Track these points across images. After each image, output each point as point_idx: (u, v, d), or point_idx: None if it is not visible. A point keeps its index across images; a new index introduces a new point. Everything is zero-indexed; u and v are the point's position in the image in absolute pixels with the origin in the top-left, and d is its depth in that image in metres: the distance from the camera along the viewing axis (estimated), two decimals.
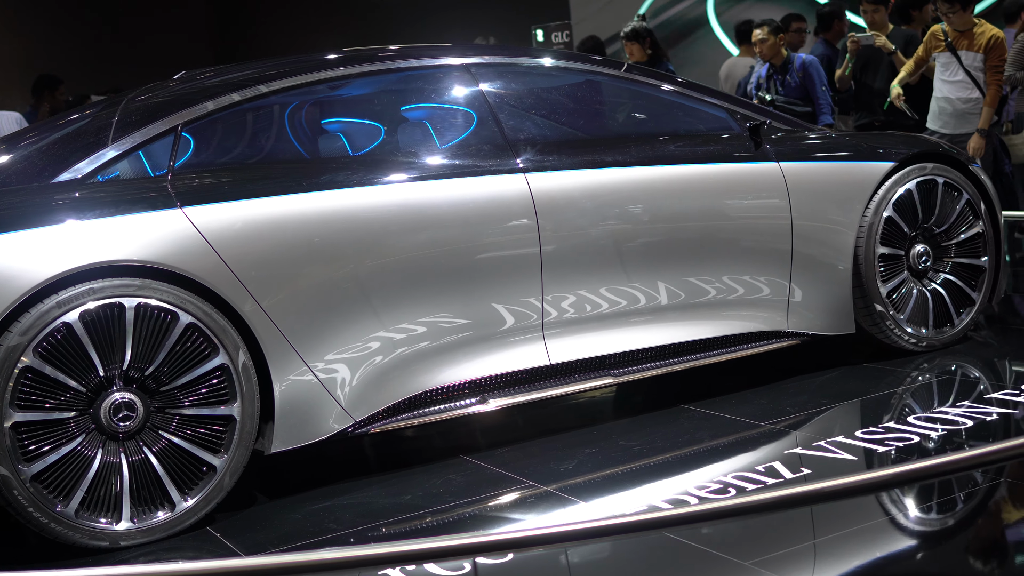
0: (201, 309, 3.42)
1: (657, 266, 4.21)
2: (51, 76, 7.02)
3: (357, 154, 3.99)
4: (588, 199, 4.07)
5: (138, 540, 3.34)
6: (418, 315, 3.79)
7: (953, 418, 3.84)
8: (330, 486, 3.75)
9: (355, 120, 4.16)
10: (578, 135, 4.28)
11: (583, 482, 3.56)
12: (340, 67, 4.03)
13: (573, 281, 4.05)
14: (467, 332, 3.88)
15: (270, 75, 3.90)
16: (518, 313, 3.96)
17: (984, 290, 4.90)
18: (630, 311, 4.17)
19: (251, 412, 3.50)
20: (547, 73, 4.41)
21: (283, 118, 3.92)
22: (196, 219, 3.46)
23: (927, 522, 3.10)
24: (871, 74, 7.14)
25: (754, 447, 3.76)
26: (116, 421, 3.33)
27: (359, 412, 3.72)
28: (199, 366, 3.42)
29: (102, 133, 3.64)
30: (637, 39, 7.48)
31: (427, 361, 3.83)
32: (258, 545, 3.28)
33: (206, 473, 3.44)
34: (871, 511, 3.17)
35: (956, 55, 6.68)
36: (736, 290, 4.36)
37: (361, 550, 2.96)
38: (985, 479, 3.28)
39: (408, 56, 4.17)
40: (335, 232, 3.66)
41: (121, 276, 3.34)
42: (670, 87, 4.52)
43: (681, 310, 4.27)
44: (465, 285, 3.86)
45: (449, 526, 3.30)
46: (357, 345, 3.70)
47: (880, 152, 4.69)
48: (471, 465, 3.84)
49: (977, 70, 6.70)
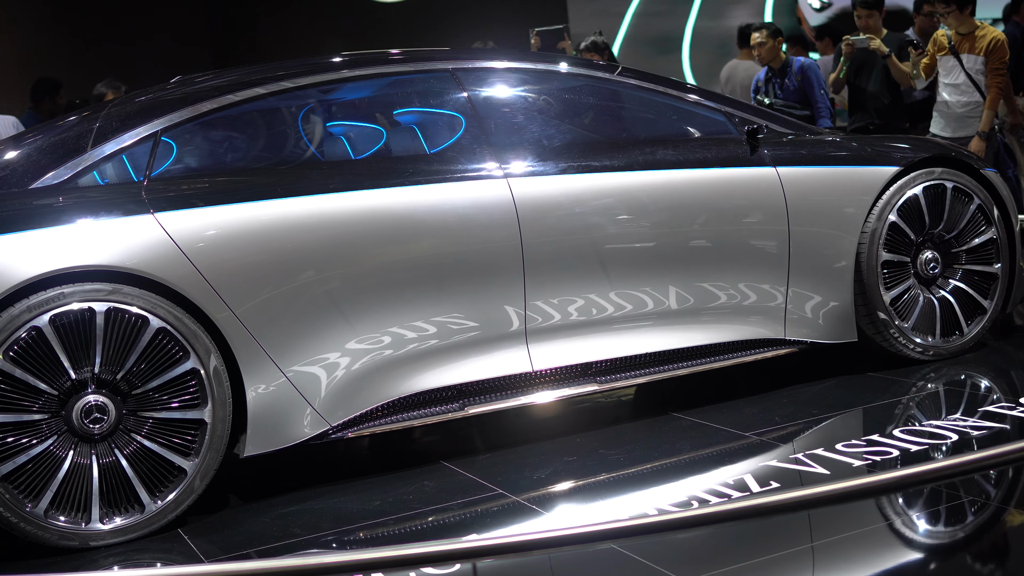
0: (172, 314, 3.45)
1: (644, 272, 4.15)
2: (51, 79, 7.14)
3: (336, 160, 4.00)
4: (572, 204, 4.03)
5: (108, 541, 3.39)
6: (395, 321, 3.79)
7: (938, 432, 3.74)
8: (305, 490, 3.78)
9: (335, 126, 4.17)
10: (566, 140, 4.23)
11: (551, 492, 3.53)
12: (321, 73, 4.04)
13: (557, 287, 4.02)
14: (446, 338, 3.87)
15: (252, 81, 3.92)
16: (499, 319, 3.94)
17: (997, 298, 4.76)
18: (616, 318, 4.12)
19: (222, 416, 3.53)
20: (536, 77, 4.35)
21: (264, 124, 3.95)
22: (168, 225, 3.50)
23: (884, 538, 3.02)
24: (865, 77, 7.09)
25: (731, 460, 3.70)
26: (87, 423, 3.38)
27: (336, 417, 3.74)
28: (170, 370, 3.46)
29: (83, 139, 3.70)
30: (596, 51, 7.51)
31: (405, 366, 3.83)
32: (220, 549, 3.32)
33: (177, 476, 3.48)
34: (827, 526, 3.10)
35: (958, 58, 6.65)
36: (728, 297, 4.29)
37: (300, 559, 2.98)
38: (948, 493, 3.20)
39: (391, 61, 4.17)
40: (310, 238, 3.68)
41: (93, 281, 3.39)
42: (665, 90, 4.45)
43: (669, 317, 4.21)
44: (444, 290, 3.85)
45: (406, 535, 3.30)
46: (332, 350, 3.72)
47: (885, 156, 4.58)
48: (448, 471, 3.83)
49: (978, 73, 6.65)
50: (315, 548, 3.23)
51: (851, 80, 7.17)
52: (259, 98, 3.91)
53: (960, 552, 2.98)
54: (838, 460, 3.55)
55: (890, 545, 2.99)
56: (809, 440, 3.83)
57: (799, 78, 6.91)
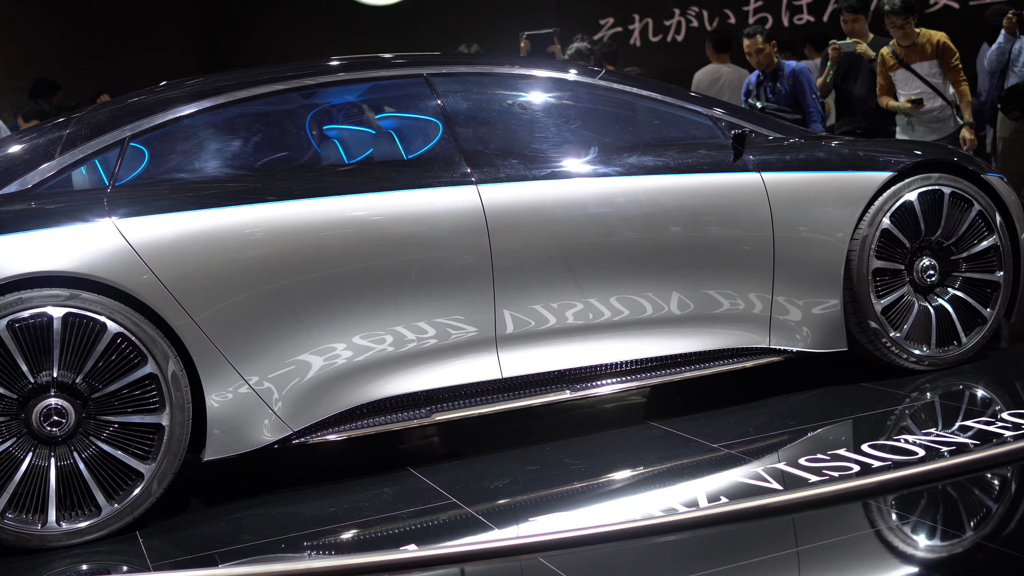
0: (130, 319, 3.50)
1: (619, 279, 4.10)
2: (50, 81, 7.24)
3: (302, 166, 4.02)
4: (543, 211, 4.00)
5: (64, 542, 3.44)
6: (359, 328, 3.79)
7: (908, 447, 3.64)
8: (269, 494, 3.80)
9: (306, 132, 4.17)
10: (540, 145, 4.18)
11: (503, 504, 3.50)
12: (293, 79, 4.05)
13: (529, 294, 3.99)
14: (412, 344, 3.86)
15: (223, 87, 3.95)
16: (468, 326, 3.92)
17: (999, 306, 4.61)
18: (592, 325, 4.08)
19: (181, 420, 3.56)
20: (511, 82, 4.31)
21: (234, 130, 3.96)
22: (127, 231, 3.54)
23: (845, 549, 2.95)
24: (852, 81, 7.03)
25: (693, 474, 3.63)
26: (47, 426, 3.44)
27: (298, 422, 3.75)
28: (128, 375, 3.50)
29: (52, 146, 3.76)
30: (580, 58, 7.46)
31: (371, 372, 3.83)
32: (171, 552, 3.36)
33: (134, 479, 3.53)
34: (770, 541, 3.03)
35: (910, 69, 6.79)
36: (707, 304, 4.22)
37: (227, 569, 3.01)
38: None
39: (364, 67, 4.17)
40: (273, 244, 3.69)
41: (52, 286, 3.45)
42: (648, 94, 4.39)
43: (646, 324, 4.15)
44: (410, 297, 3.84)
45: (346, 544, 3.30)
46: (295, 356, 3.73)
47: (879, 161, 4.46)
48: (411, 478, 3.83)
49: (935, 76, 6.79)
50: (257, 555, 3.26)
51: (838, 84, 7.24)
52: (230, 104, 3.94)
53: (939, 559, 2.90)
54: (797, 475, 3.47)
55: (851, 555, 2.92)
56: (776, 454, 3.75)
57: (791, 82, 6.81)
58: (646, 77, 5.11)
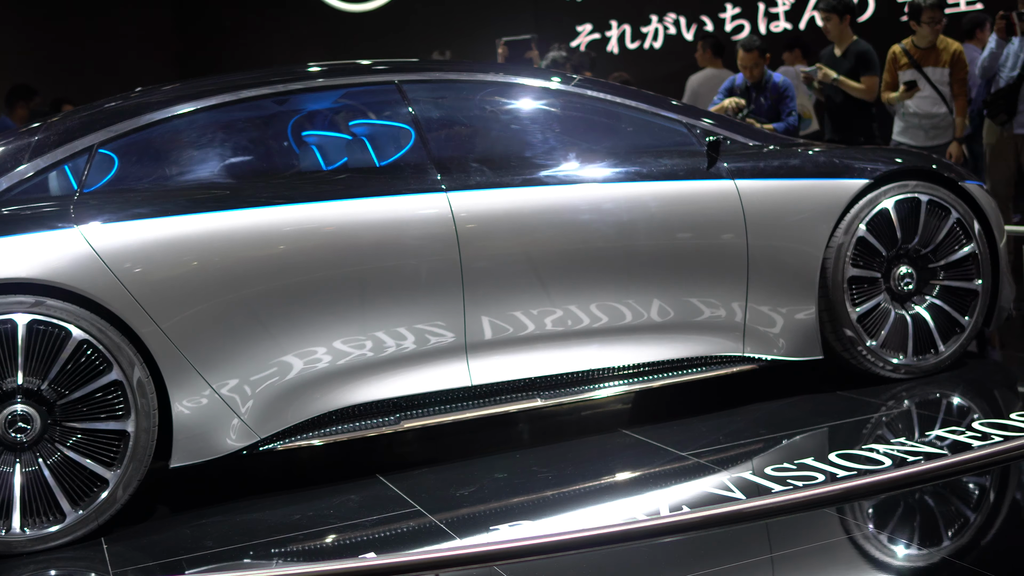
0: (96, 326, 3.50)
1: (591, 287, 4.09)
2: (26, 86, 7.23)
3: (273, 173, 4.01)
4: (514, 218, 3.99)
5: (29, 548, 3.44)
6: (327, 335, 3.79)
7: (876, 457, 3.62)
8: (237, 501, 3.80)
9: (276, 139, 4.17)
10: (511, 152, 4.17)
11: (466, 513, 3.49)
12: (265, 86, 4.04)
13: (499, 302, 3.98)
14: (381, 351, 3.86)
15: (193, 93, 3.95)
16: (437, 333, 3.91)
17: (977, 315, 4.59)
18: (563, 333, 4.07)
19: (147, 427, 3.56)
20: (483, 88, 4.30)
21: (203, 137, 3.96)
22: (93, 238, 3.54)
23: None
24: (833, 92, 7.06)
25: (660, 483, 3.62)
26: (12, 432, 3.44)
27: (265, 429, 3.75)
28: (92, 381, 3.50)
29: (22, 152, 3.76)
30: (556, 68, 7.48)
31: (338, 380, 3.83)
32: (133, 559, 3.36)
33: (99, 486, 3.53)
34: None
35: (922, 71, 6.84)
36: (681, 312, 4.20)
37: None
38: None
39: (336, 73, 4.16)
40: (240, 252, 3.68)
41: (16, 293, 3.45)
42: (623, 101, 4.37)
43: (619, 332, 4.14)
44: (378, 305, 3.83)
45: (304, 552, 3.30)
46: (262, 363, 3.73)
47: (855, 169, 4.44)
48: (379, 485, 3.82)
49: (944, 84, 6.84)
50: (220, 562, 3.25)
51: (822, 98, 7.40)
52: (200, 111, 3.93)
53: None
54: (762, 484, 3.46)
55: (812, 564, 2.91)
56: (744, 463, 3.73)
57: (774, 97, 6.84)
58: (629, 84, 5.10)
